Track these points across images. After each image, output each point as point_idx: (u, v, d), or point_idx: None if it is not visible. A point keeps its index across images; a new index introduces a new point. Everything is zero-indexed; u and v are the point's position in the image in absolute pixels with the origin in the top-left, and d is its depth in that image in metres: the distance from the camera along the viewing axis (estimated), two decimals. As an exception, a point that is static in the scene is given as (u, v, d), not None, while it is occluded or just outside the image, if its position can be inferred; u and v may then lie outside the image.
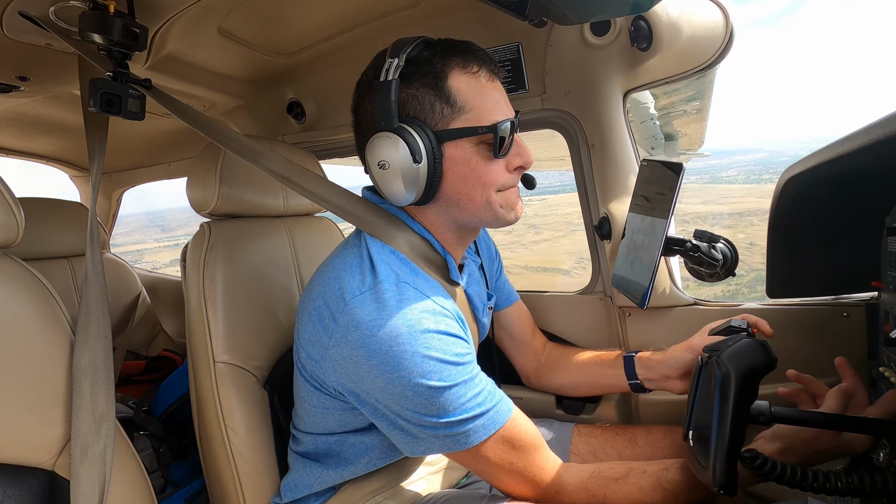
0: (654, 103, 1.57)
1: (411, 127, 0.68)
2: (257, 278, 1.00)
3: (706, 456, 0.61)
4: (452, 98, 0.69)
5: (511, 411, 0.72)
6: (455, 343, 0.68)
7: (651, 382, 0.92)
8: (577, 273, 29.02)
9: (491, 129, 0.69)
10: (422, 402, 0.65)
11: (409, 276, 0.72)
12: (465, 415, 0.66)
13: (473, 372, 0.69)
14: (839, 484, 0.54)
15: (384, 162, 0.68)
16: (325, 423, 0.80)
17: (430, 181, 0.70)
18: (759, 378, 0.60)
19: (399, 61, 0.67)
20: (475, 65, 0.71)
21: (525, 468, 0.72)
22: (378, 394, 0.67)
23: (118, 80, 0.90)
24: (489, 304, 0.94)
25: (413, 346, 0.64)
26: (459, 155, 0.70)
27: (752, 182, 62.46)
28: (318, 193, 0.82)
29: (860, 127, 0.51)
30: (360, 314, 0.66)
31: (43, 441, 0.67)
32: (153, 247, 47.97)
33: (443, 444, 0.68)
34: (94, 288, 0.77)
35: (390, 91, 0.67)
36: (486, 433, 0.68)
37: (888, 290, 0.67)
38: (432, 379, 0.64)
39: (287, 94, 1.41)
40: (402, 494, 0.83)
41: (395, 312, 0.65)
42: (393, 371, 0.64)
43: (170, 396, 1.38)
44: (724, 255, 0.87)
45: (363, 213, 0.77)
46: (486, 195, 0.72)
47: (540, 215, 42.80)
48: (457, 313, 0.73)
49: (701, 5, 0.91)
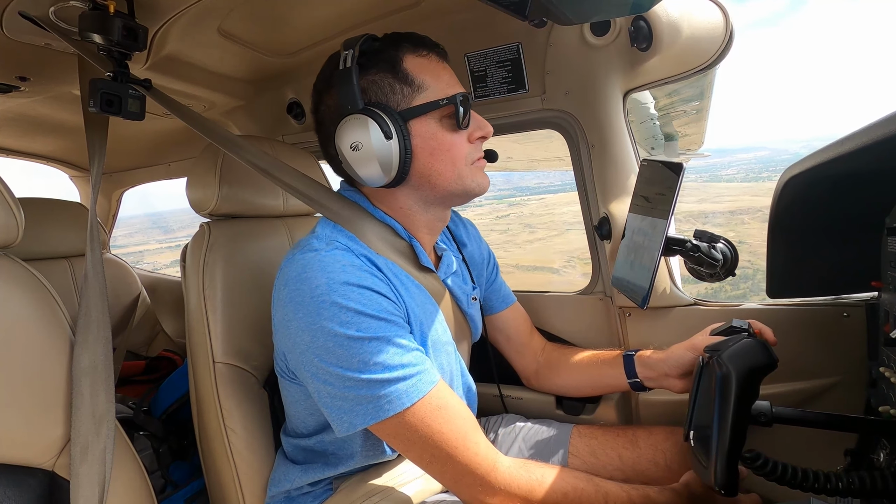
0: (654, 103, 1.57)
1: (377, 109, 0.71)
2: (257, 278, 1.00)
3: (707, 456, 0.61)
4: (410, 78, 0.73)
5: (436, 382, 0.70)
6: (378, 299, 0.69)
7: (651, 381, 0.92)
8: (565, 272, 28.97)
9: (451, 101, 0.73)
10: (344, 353, 0.66)
11: (347, 239, 0.76)
12: (386, 374, 0.66)
13: (399, 333, 0.69)
14: (839, 484, 0.54)
15: (357, 143, 0.70)
16: (305, 421, 0.82)
17: (403, 159, 0.72)
18: (759, 378, 0.59)
19: (354, 52, 0.71)
20: (424, 49, 0.76)
21: (453, 445, 0.68)
22: (308, 352, 0.68)
23: (118, 80, 0.90)
24: (473, 295, 0.94)
25: (332, 296, 0.66)
26: (426, 130, 0.74)
27: (751, 180, 62.41)
28: (294, 186, 0.86)
29: (860, 127, 0.51)
30: (289, 272, 0.71)
31: (43, 441, 0.67)
32: (155, 248, 48.27)
33: (366, 410, 0.67)
34: (94, 288, 0.77)
35: (352, 77, 0.71)
36: (410, 399, 0.67)
37: (888, 290, 0.67)
38: (350, 329, 0.65)
39: (287, 95, 1.41)
40: (397, 497, 0.83)
41: (317, 267, 0.69)
42: (314, 322, 0.66)
43: (170, 397, 1.38)
44: (724, 256, 0.87)
45: (338, 208, 0.80)
46: (456, 169, 0.76)
47: (536, 215, 42.75)
48: (403, 280, 0.77)
49: (701, 5, 0.91)
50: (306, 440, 0.85)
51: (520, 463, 0.74)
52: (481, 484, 0.70)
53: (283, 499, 0.87)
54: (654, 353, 0.92)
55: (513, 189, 65.27)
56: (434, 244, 0.89)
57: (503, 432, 1.05)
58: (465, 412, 0.73)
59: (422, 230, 0.83)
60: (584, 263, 31.45)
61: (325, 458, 0.84)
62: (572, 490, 0.72)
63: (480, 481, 0.69)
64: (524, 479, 0.71)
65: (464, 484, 0.71)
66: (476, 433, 0.72)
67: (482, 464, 0.70)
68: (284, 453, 0.91)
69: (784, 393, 0.94)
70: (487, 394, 1.15)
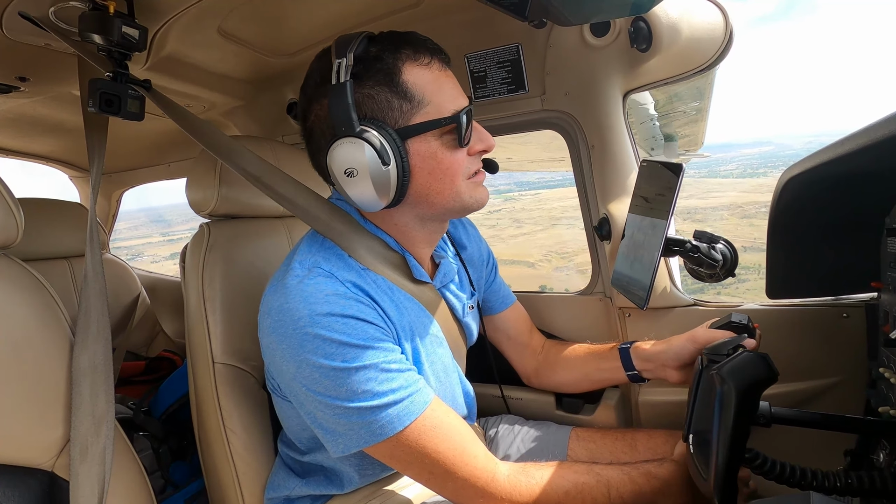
0: (653, 104, 1.57)
1: (373, 128, 0.66)
2: (257, 279, 1.00)
3: (706, 467, 0.61)
4: (409, 93, 0.67)
5: (430, 402, 0.69)
6: (362, 327, 0.66)
7: (649, 372, 0.91)
8: (540, 266, 28.68)
9: (454, 119, 0.68)
10: (331, 384, 0.64)
11: (331, 264, 0.71)
12: (376, 401, 0.64)
13: (387, 358, 0.67)
14: (839, 484, 0.54)
15: (352, 169, 0.66)
16: (299, 437, 0.82)
17: (401, 182, 0.68)
18: (759, 393, 0.59)
19: (348, 61, 0.65)
20: (426, 56, 0.69)
21: (451, 462, 0.68)
22: (294, 381, 0.67)
23: (118, 80, 0.90)
24: (470, 304, 0.93)
25: (314, 328, 0.64)
26: (425, 149, 0.69)
27: (748, 176, 62.08)
28: (285, 196, 0.81)
29: (860, 127, 0.51)
30: (271, 302, 0.69)
31: (42, 442, 0.67)
32: (158, 240, 48.79)
33: (359, 435, 0.66)
34: (93, 288, 0.77)
35: (346, 93, 0.65)
36: (402, 423, 0.65)
37: (888, 290, 0.67)
38: (335, 360, 0.64)
39: (287, 95, 1.41)
40: (396, 500, 0.82)
41: (298, 297, 0.66)
42: (298, 354, 0.65)
43: (169, 397, 1.38)
44: (723, 256, 0.87)
45: (330, 220, 0.76)
46: (455, 187, 0.72)
47: (527, 210, 42.58)
48: (396, 296, 0.75)
49: (700, 6, 0.91)
50: (303, 456, 0.84)
51: (518, 468, 0.73)
52: (482, 495, 0.69)
53: (283, 501, 0.87)
54: (653, 344, 0.91)
55: (511, 184, 65.17)
56: (432, 253, 0.86)
57: (502, 433, 1.05)
58: (461, 426, 0.71)
59: (418, 244, 0.80)
60: (560, 258, 30.82)
61: (324, 473, 0.83)
62: (573, 487, 0.71)
63: (481, 493, 0.69)
64: (524, 485, 0.70)
65: (465, 497, 0.70)
66: (474, 445, 0.71)
67: (481, 476, 0.69)
68: (284, 461, 0.90)
69: (784, 393, 0.94)
70: (487, 394, 1.15)
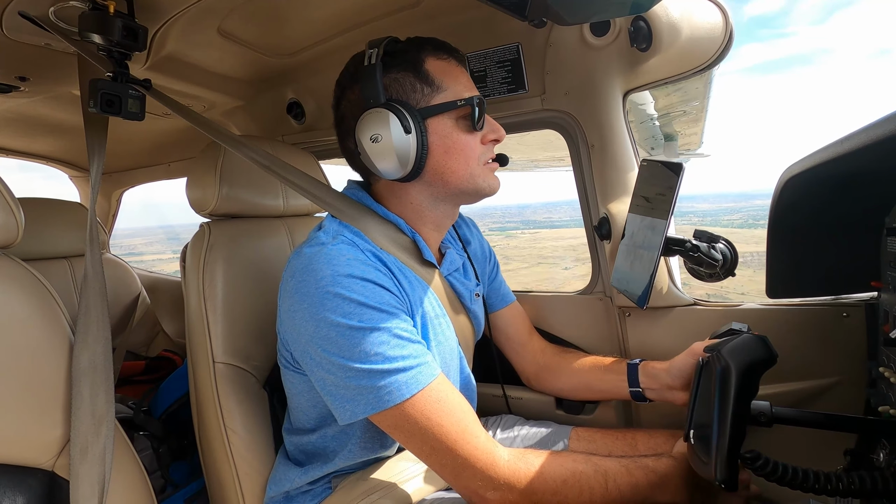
0: (653, 104, 1.57)
1: (397, 104, 0.75)
2: (257, 279, 1.00)
3: (707, 453, 0.61)
4: (430, 78, 0.77)
5: (436, 376, 0.71)
6: (380, 291, 0.71)
7: (652, 392, 0.91)
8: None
9: (469, 102, 0.77)
10: (345, 343, 0.68)
11: (354, 234, 0.78)
12: (386, 364, 0.67)
13: (400, 325, 0.71)
14: (839, 484, 0.54)
15: (377, 135, 0.74)
16: (307, 413, 0.83)
17: (419, 155, 0.76)
18: (759, 373, 0.59)
19: (379, 51, 0.75)
20: (445, 52, 0.80)
21: (453, 438, 0.69)
22: (311, 343, 0.70)
23: (118, 80, 0.90)
24: (476, 291, 0.96)
25: (335, 287, 0.68)
26: (442, 129, 0.77)
27: (748, 227, 61.52)
28: (299, 184, 0.89)
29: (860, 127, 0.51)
30: (296, 264, 0.74)
31: (42, 441, 0.67)
32: (169, 258, 50.01)
33: (367, 400, 0.68)
34: (93, 288, 0.77)
35: (375, 73, 0.74)
36: (410, 390, 0.68)
37: (888, 290, 0.67)
38: (352, 319, 0.68)
39: (287, 95, 1.41)
40: (396, 495, 0.83)
41: (323, 259, 0.71)
42: (318, 312, 0.69)
43: (169, 397, 1.38)
44: (723, 256, 0.87)
45: (342, 206, 0.84)
46: (469, 168, 0.79)
47: (520, 247, 43.03)
48: (407, 275, 0.80)
49: (700, 6, 0.91)
50: (308, 436, 0.85)
51: (518, 454, 0.74)
52: (482, 478, 0.70)
53: (283, 498, 0.87)
54: (658, 363, 0.92)
55: (519, 223, 65.32)
56: (440, 242, 0.91)
57: (502, 433, 1.05)
58: (465, 406, 0.73)
59: (428, 226, 0.85)
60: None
61: (325, 456, 0.85)
62: (571, 475, 0.72)
63: (481, 475, 0.70)
64: (523, 471, 0.71)
65: (464, 477, 0.71)
66: (476, 426, 0.72)
67: (482, 457, 0.70)
68: (286, 453, 0.91)
69: (784, 393, 0.94)
70: (488, 393, 1.15)
